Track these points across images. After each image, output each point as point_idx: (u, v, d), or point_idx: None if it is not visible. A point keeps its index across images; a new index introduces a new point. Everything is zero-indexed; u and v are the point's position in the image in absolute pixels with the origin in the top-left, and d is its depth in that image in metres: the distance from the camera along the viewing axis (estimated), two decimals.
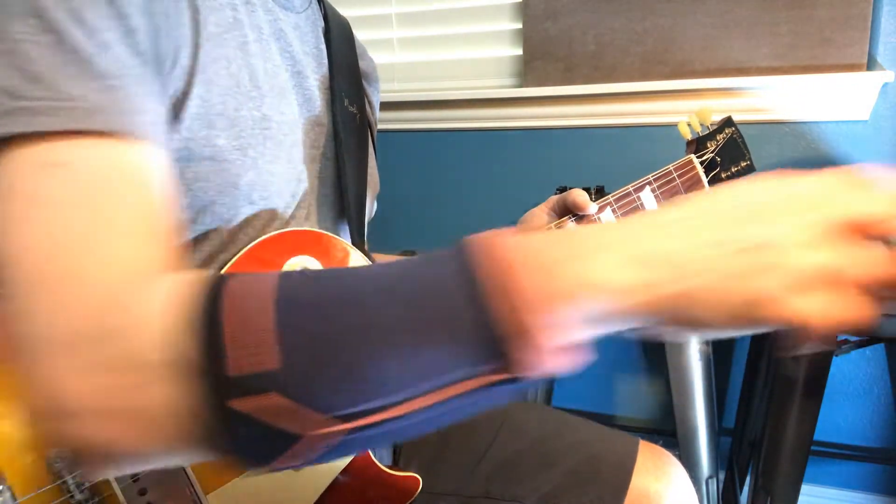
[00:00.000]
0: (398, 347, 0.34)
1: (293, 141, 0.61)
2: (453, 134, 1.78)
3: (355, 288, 0.36)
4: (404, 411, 0.35)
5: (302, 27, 0.68)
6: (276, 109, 0.59)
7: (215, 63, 0.53)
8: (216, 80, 0.53)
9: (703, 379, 1.29)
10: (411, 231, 1.88)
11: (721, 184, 0.42)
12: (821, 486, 1.62)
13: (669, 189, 0.77)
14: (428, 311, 0.34)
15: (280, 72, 0.62)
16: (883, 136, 1.46)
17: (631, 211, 0.75)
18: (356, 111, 0.73)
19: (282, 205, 0.60)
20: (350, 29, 0.80)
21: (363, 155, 0.74)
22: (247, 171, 0.55)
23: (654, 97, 1.57)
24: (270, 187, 0.58)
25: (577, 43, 1.60)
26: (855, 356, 1.55)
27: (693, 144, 0.81)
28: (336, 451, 0.36)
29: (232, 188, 0.55)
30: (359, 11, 1.79)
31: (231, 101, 0.54)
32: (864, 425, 1.58)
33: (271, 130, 0.58)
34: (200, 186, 0.53)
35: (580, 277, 0.34)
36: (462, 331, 0.34)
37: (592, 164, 1.68)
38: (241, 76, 0.56)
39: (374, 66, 0.87)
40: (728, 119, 0.83)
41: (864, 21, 1.39)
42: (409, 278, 0.36)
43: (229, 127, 0.54)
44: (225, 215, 0.56)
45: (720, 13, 1.49)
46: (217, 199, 0.54)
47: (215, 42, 0.53)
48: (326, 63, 0.71)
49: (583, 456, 0.75)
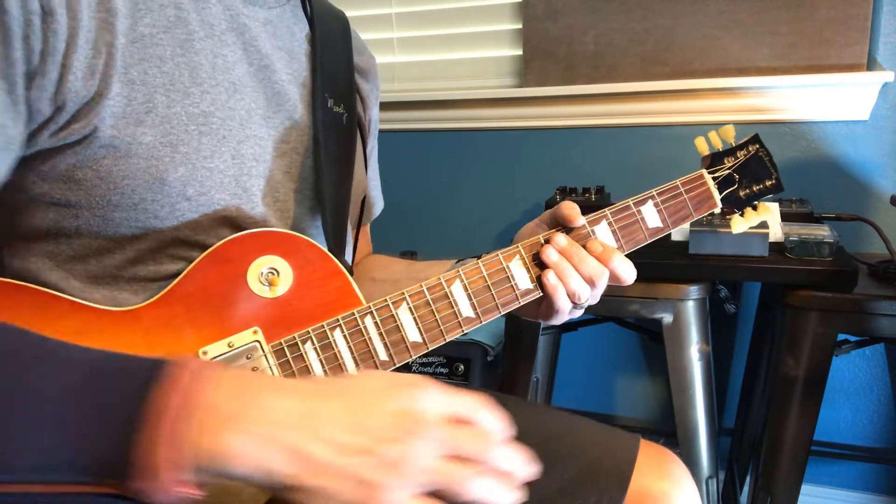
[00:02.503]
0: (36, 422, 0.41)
1: (243, 136, 0.62)
2: (453, 134, 1.78)
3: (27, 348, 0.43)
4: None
5: (274, 22, 0.68)
6: (221, 105, 0.60)
7: (143, 63, 0.55)
8: (143, 79, 0.55)
9: (703, 379, 1.29)
10: (411, 231, 1.88)
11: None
12: (821, 486, 1.62)
13: (675, 204, 0.74)
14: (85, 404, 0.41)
15: (235, 67, 0.62)
16: (883, 136, 1.46)
17: (629, 226, 0.72)
18: (343, 111, 0.73)
19: (231, 200, 0.60)
20: (346, 25, 0.80)
21: (347, 158, 0.73)
22: (177, 166, 0.56)
23: (654, 97, 1.57)
24: (208, 182, 0.58)
25: (577, 43, 1.60)
26: (855, 356, 1.55)
27: (708, 159, 0.78)
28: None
29: (160, 184, 0.55)
30: (359, 11, 1.80)
31: (162, 98, 0.56)
32: (864, 425, 1.58)
33: (211, 126, 0.59)
34: (127, 184, 0.54)
35: (226, 450, 0.41)
36: (104, 439, 0.40)
37: (592, 164, 1.68)
38: (178, 74, 0.57)
39: (373, 62, 0.86)
40: (755, 136, 0.80)
41: (864, 21, 1.39)
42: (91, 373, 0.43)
43: (159, 123, 0.55)
44: (159, 212, 0.56)
45: (720, 13, 1.49)
46: (146, 196, 0.55)
47: (145, 42, 0.55)
48: (306, 62, 0.71)
49: (583, 458, 0.74)
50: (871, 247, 1.45)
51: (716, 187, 0.76)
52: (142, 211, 0.56)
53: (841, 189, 1.49)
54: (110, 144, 0.53)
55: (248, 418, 0.42)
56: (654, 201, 0.73)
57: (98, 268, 0.57)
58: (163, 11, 0.57)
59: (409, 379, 0.47)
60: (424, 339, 0.63)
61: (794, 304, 1.18)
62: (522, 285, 0.67)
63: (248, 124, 0.62)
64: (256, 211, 0.63)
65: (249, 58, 0.64)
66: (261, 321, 0.59)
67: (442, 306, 0.64)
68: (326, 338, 0.60)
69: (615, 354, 1.75)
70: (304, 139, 0.68)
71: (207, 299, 0.57)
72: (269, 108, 0.65)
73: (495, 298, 0.66)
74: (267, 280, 0.59)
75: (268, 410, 0.43)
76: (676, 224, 0.74)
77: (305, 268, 0.61)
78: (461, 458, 0.45)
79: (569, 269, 0.67)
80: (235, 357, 0.57)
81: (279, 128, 0.66)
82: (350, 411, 0.44)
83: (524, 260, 0.68)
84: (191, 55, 0.58)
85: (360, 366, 0.61)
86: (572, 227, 0.70)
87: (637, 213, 0.72)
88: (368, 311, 0.62)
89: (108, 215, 0.55)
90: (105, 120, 0.53)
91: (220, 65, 0.61)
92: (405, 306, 0.63)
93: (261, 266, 0.59)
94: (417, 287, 0.63)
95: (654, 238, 0.73)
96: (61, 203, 0.55)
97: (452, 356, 1.57)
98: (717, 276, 1.28)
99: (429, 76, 1.81)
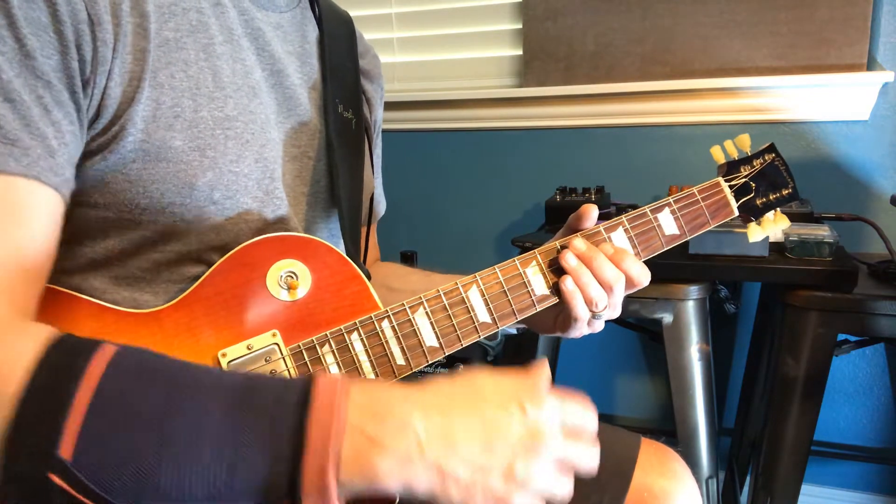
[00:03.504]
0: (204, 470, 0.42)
1: (265, 140, 0.62)
2: (453, 134, 1.78)
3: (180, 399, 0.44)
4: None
5: (285, 27, 0.68)
6: (243, 109, 0.60)
7: (170, 67, 0.55)
8: (171, 83, 0.55)
9: (703, 379, 1.29)
10: (411, 231, 1.88)
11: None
12: (821, 486, 1.62)
13: (692, 212, 0.73)
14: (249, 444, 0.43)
15: (253, 71, 0.62)
16: (883, 136, 1.46)
17: (646, 233, 0.71)
18: (352, 116, 0.73)
19: (254, 204, 0.61)
20: (352, 27, 0.80)
21: (357, 162, 0.73)
22: (205, 171, 0.56)
23: (654, 97, 1.57)
24: (234, 186, 0.59)
25: (577, 43, 1.60)
26: (855, 356, 1.55)
27: (724, 168, 0.78)
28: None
29: (189, 189, 0.55)
30: (359, 11, 1.79)
31: (189, 102, 0.56)
32: (864, 425, 1.58)
33: (235, 130, 0.59)
34: (157, 188, 0.54)
35: (389, 474, 0.45)
36: (276, 473, 0.43)
37: (592, 164, 1.68)
38: (203, 78, 0.57)
39: (377, 62, 0.86)
40: (770, 145, 0.80)
41: (864, 21, 1.40)
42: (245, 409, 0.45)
43: (187, 128, 0.55)
44: (186, 216, 0.56)
45: (720, 13, 1.49)
46: (175, 200, 0.55)
47: (170, 47, 0.55)
48: (317, 65, 0.71)
49: None
50: (871, 247, 1.45)
51: (732, 195, 0.76)
52: (169, 215, 0.56)
53: (841, 189, 1.49)
54: (140, 149, 0.53)
55: (393, 438, 0.45)
56: (671, 208, 0.73)
57: (121, 270, 0.57)
58: (186, 16, 0.57)
59: (529, 388, 0.51)
60: (441, 344, 0.64)
61: (794, 304, 1.18)
62: (539, 291, 0.67)
63: (268, 128, 0.63)
64: (277, 214, 0.63)
65: (262, 62, 0.64)
66: (279, 324, 0.59)
67: (459, 311, 0.64)
68: (344, 341, 0.60)
69: (615, 354, 1.75)
70: (315, 143, 0.68)
71: (227, 302, 0.57)
72: (280, 112, 0.65)
73: (512, 304, 0.66)
74: (286, 284, 0.59)
75: (409, 430, 0.46)
76: (693, 231, 0.74)
77: (324, 272, 0.61)
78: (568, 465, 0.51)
79: (586, 274, 0.66)
80: (254, 359, 0.57)
81: (291, 132, 0.66)
82: (483, 428, 0.48)
83: (541, 266, 0.68)
84: (213, 59, 0.58)
85: (377, 369, 0.61)
86: (588, 232, 0.69)
87: (654, 219, 0.72)
88: (386, 316, 0.62)
89: (135, 218, 0.55)
90: (136, 124, 0.53)
91: (239, 69, 0.61)
92: (422, 311, 0.63)
93: (280, 270, 0.59)
94: (434, 292, 0.63)
95: (671, 245, 0.73)
96: (88, 205, 0.54)
97: (453, 355, 1.57)
98: (717, 276, 1.28)
99: (429, 76, 1.81)
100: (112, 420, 0.41)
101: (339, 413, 0.44)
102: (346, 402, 0.45)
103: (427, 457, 0.45)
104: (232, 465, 0.43)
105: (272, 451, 0.43)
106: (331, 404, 0.44)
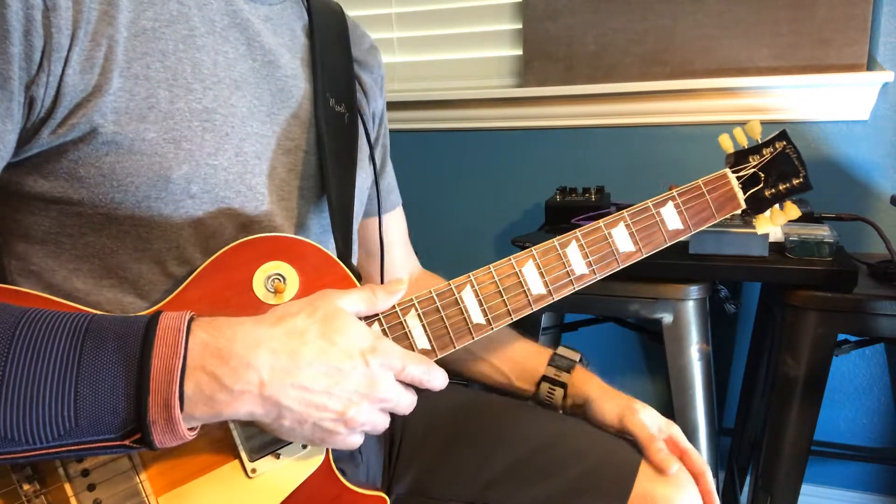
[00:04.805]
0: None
1: (244, 133, 0.61)
2: (453, 134, 1.78)
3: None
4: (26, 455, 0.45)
5: (274, 19, 0.68)
6: (223, 101, 0.59)
7: (146, 57, 0.54)
8: (146, 73, 0.54)
9: (703, 379, 1.29)
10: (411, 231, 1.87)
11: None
12: (821, 486, 1.62)
13: (697, 206, 0.71)
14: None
15: (237, 64, 0.62)
16: (883, 136, 1.46)
17: (647, 228, 0.70)
18: (344, 111, 0.72)
19: (236, 199, 0.60)
20: (343, 20, 0.79)
21: (349, 158, 0.72)
22: (181, 163, 0.55)
23: (654, 97, 1.57)
24: (212, 179, 0.58)
25: (577, 43, 1.60)
26: (855, 356, 1.55)
27: (732, 158, 0.75)
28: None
29: (164, 181, 0.55)
30: (359, 11, 1.79)
31: (164, 93, 0.55)
32: (864, 425, 1.58)
33: (214, 122, 0.58)
34: (131, 181, 0.54)
35: (231, 409, 0.50)
36: (120, 406, 0.46)
37: (592, 164, 1.68)
38: (181, 69, 0.56)
39: (374, 51, 0.83)
40: (782, 132, 0.76)
41: (864, 21, 1.39)
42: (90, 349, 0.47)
43: (162, 119, 0.55)
44: (163, 210, 0.56)
45: (720, 13, 1.49)
46: (151, 194, 0.55)
47: (147, 37, 0.54)
48: (307, 59, 0.70)
49: (585, 462, 0.73)
50: (871, 247, 1.45)
51: (740, 187, 0.73)
52: (146, 209, 0.55)
53: (841, 189, 1.49)
54: (112, 141, 0.53)
55: (235, 377, 0.49)
56: (675, 202, 0.71)
57: (102, 269, 0.57)
58: (165, 6, 0.56)
59: (377, 339, 0.56)
60: (434, 347, 0.62)
61: (794, 304, 1.18)
62: (536, 290, 0.66)
63: (250, 122, 0.62)
64: (262, 209, 0.62)
65: (253, 53, 0.64)
66: None
67: (452, 312, 0.63)
68: None
69: (615, 354, 1.75)
70: (309, 136, 0.68)
71: (213, 306, 0.56)
72: (273, 104, 0.65)
73: (507, 304, 0.65)
74: (273, 287, 0.58)
75: (251, 370, 0.50)
76: (698, 226, 0.71)
77: (312, 274, 0.59)
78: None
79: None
80: None
81: (283, 124, 0.65)
82: (327, 373, 0.53)
83: (538, 265, 0.66)
84: (192, 51, 0.58)
85: None
86: (586, 231, 0.68)
87: (656, 214, 0.70)
88: (376, 318, 0.61)
89: (111, 213, 0.55)
90: (106, 115, 0.52)
91: (221, 62, 0.60)
92: (414, 313, 0.62)
93: (266, 272, 0.58)
94: (427, 293, 0.62)
95: (675, 241, 0.71)
96: (64, 201, 0.54)
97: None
98: (717, 276, 1.28)
99: (429, 76, 1.81)
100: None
101: (181, 350, 0.48)
102: (188, 340, 0.48)
103: (266, 393, 0.50)
104: (73, 401, 0.45)
105: (115, 387, 0.46)
106: (175, 342, 0.48)
